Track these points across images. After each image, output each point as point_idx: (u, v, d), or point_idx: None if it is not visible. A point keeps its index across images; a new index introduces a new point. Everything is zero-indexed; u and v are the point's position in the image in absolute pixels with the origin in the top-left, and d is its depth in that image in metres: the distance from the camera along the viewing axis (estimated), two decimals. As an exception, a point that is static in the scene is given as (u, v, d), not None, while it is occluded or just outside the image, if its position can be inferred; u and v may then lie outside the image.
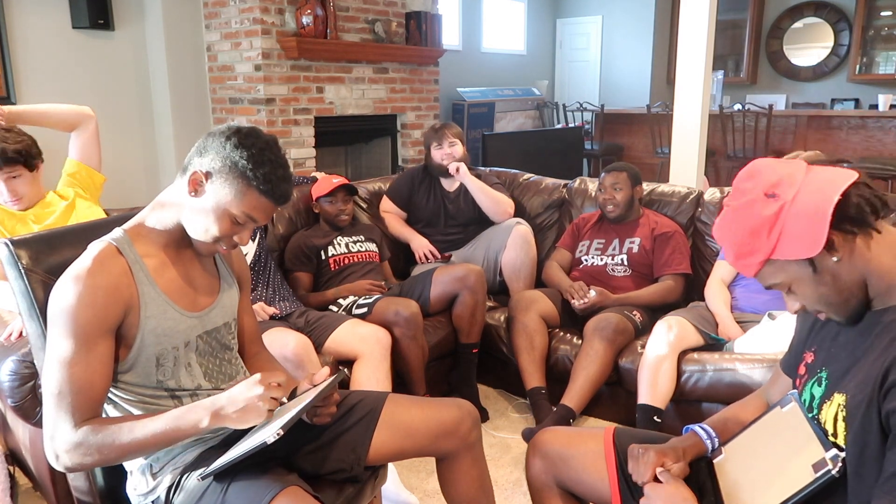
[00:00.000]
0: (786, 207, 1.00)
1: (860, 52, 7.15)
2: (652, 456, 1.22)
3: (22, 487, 2.08)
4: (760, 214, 1.02)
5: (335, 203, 2.72)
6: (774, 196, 1.01)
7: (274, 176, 1.21)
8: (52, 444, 1.16)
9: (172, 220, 1.27)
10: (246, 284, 1.50)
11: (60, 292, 1.16)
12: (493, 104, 6.97)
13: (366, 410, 1.46)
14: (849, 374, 1.05)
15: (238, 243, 1.28)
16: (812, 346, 1.20)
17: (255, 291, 2.39)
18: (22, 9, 3.98)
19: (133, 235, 1.27)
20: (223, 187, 1.22)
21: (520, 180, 3.33)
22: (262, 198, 1.22)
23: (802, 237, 0.99)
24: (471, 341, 2.65)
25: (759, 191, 1.03)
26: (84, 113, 2.28)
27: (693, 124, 3.52)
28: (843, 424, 1.03)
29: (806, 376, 1.18)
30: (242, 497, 1.16)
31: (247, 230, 1.27)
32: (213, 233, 1.24)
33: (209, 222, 1.24)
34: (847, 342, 1.10)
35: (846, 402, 1.03)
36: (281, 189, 1.23)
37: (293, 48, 4.48)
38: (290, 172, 1.27)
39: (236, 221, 1.24)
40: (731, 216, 1.07)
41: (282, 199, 1.25)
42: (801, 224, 0.99)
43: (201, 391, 1.33)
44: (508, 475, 2.25)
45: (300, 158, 4.74)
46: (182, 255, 1.33)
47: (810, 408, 1.13)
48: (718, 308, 2.43)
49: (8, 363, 1.63)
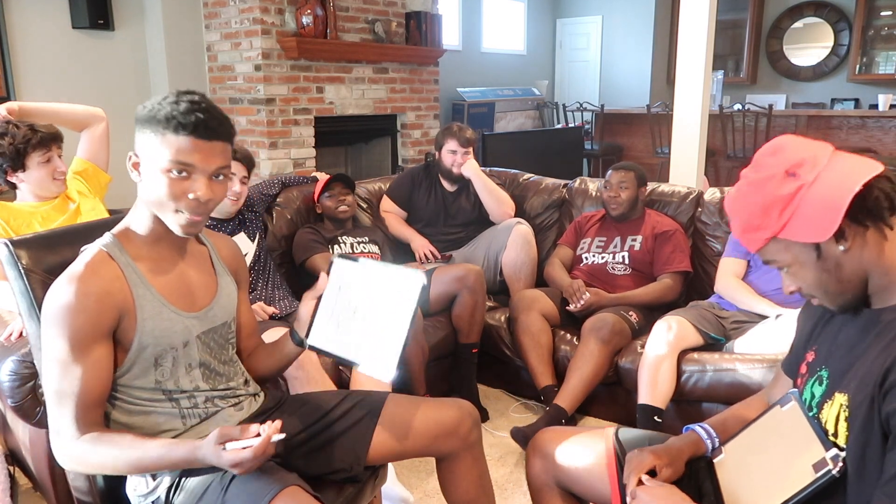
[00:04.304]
0: (804, 189, 0.99)
1: (860, 51, 7.15)
2: (645, 458, 1.21)
3: (22, 487, 2.08)
4: (777, 192, 1.00)
5: (334, 196, 2.72)
6: (795, 175, 1.00)
7: (178, 110, 1.15)
8: (57, 442, 1.18)
9: (147, 217, 1.26)
10: (243, 280, 1.49)
11: (53, 298, 1.16)
12: (493, 104, 6.97)
13: (366, 410, 1.46)
14: (849, 373, 1.05)
15: (200, 200, 1.18)
16: (813, 345, 1.19)
17: (255, 291, 2.39)
18: (22, 9, 3.98)
19: (122, 239, 1.26)
20: (146, 150, 1.18)
21: (520, 180, 3.33)
22: (178, 137, 1.15)
23: (814, 221, 0.98)
24: (470, 341, 2.65)
25: (781, 168, 1.01)
26: (96, 114, 2.33)
27: (693, 124, 3.52)
28: (845, 424, 1.03)
29: (807, 375, 1.17)
30: (242, 497, 1.16)
31: (198, 182, 1.18)
32: (164, 200, 1.19)
33: (156, 191, 1.18)
34: (847, 340, 1.09)
35: (848, 402, 1.02)
36: (192, 118, 1.15)
37: (293, 48, 4.48)
38: (208, 104, 1.18)
39: (173, 174, 1.17)
40: (746, 189, 1.05)
41: (198, 128, 1.15)
42: (816, 208, 0.98)
43: (199, 393, 1.32)
44: (508, 475, 2.25)
45: (300, 158, 4.74)
46: (175, 255, 1.32)
47: (810, 407, 1.12)
48: (747, 298, 2.37)
49: (8, 363, 1.63)
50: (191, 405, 1.31)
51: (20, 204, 2.13)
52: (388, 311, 1.28)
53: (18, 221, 2.08)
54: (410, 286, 1.27)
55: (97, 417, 1.20)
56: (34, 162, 2.08)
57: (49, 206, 2.15)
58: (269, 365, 1.48)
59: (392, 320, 1.28)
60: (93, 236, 1.28)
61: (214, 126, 1.17)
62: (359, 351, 1.30)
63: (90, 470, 1.20)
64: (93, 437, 1.17)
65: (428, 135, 5.62)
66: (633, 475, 1.20)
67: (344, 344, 1.32)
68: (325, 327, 1.34)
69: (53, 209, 2.15)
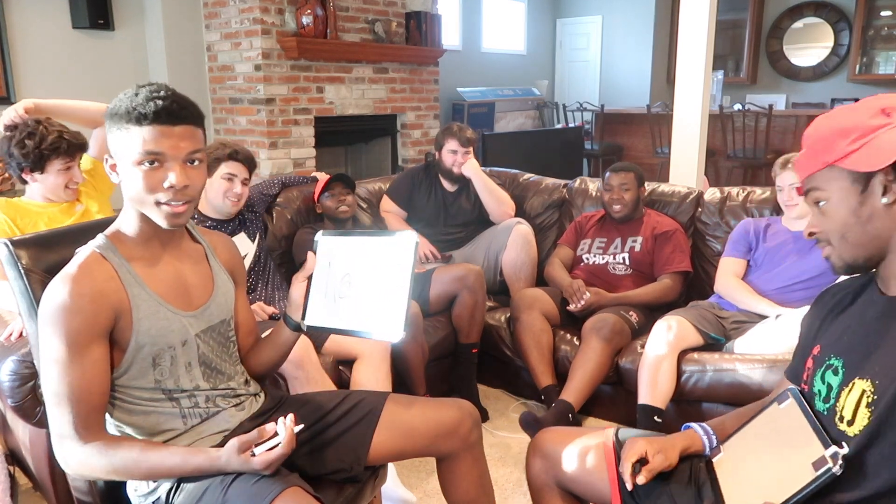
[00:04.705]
0: (887, 128, 1.01)
1: (860, 52, 7.16)
2: (638, 445, 1.24)
3: (22, 487, 2.08)
4: (863, 120, 1.03)
5: (334, 196, 2.72)
6: (888, 115, 1.02)
7: (137, 101, 1.14)
8: (61, 447, 1.18)
9: (135, 217, 1.26)
10: (240, 278, 1.49)
11: (48, 299, 1.16)
12: (493, 104, 6.97)
13: (366, 410, 1.45)
14: (870, 359, 1.05)
15: (176, 186, 1.17)
16: (819, 341, 1.19)
17: (255, 291, 2.39)
18: (22, 9, 3.98)
19: (114, 240, 1.26)
20: (117, 148, 1.18)
21: (520, 180, 3.33)
22: (142, 128, 1.14)
23: (877, 154, 1.00)
24: (470, 341, 2.65)
25: (878, 105, 1.04)
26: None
27: (693, 124, 3.52)
28: (867, 411, 1.03)
29: (814, 367, 1.17)
30: (243, 497, 1.16)
31: (171, 169, 1.17)
32: (142, 194, 1.19)
33: (133, 187, 1.19)
34: (862, 328, 1.10)
35: (873, 387, 1.03)
36: (151, 106, 1.13)
37: (293, 48, 4.48)
38: (168, 91, 1.17)
39: (145, 166, 1.16)
40: (837, 111, 1.08)
41: (160, 115, 1.14)
42: (885, 147, 1.00)
43: (199, 392, 1.32)
44: (508, 475, 2.25)
45: (300, 158, 4.74)
46: (170, 254, 1.32)
47: (827, 398, 1.11)
48: (747, 298, 2.37)
49: (8, 363, 1.63)
50: (191, 405, 1.31)
51: (27, 202, 2.12)
52: (386, 274, 1.29)
53: (25, 220, 2.08)
54: (404, 246, 1.28)
55: (100, 423, 1.20)
56: (54, 168, 2.07)
57: (56, 209, 2.14)
58: (269, 357, 1.47)
59: (392, 283, 1.28)
60: (92, 236, 1.28)
61: (176, 110, 1.16)
62: (362, 320, 1.30)
63: (95, 476, 1.20)
64: (100, 447, 1.17)
65: (428, 135, 5.62)
66: (626, 462, 1.23)
67: (344, 317, 1.32)
68: (321, 305, 1.35)
69: (61, 212, 2.15)
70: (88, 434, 1.17)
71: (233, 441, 1.17)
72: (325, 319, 1.34)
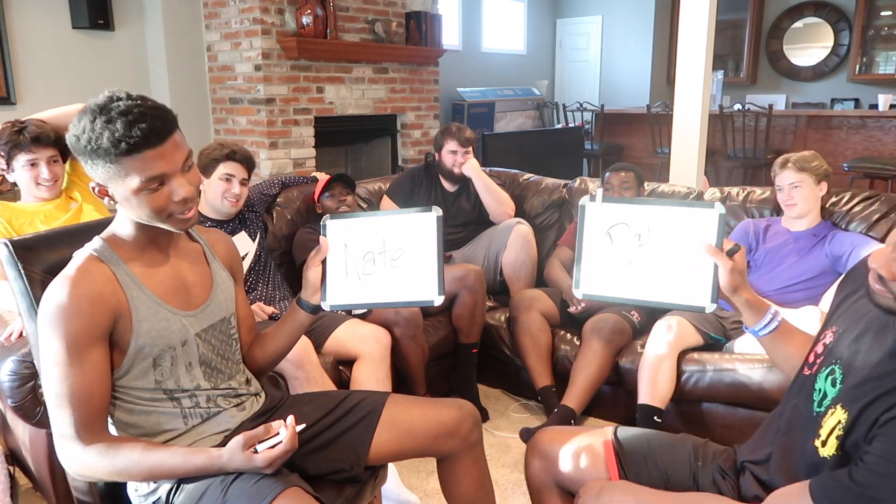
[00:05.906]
0: None
1: (860, 51, 7.15)
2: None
3: (22, 487, 2.08)
4: None
5: (334, 196, 2.72)
6: None
7: (119, 131, 1.08)
8: (64, 449, 1.18)
9: (130, 225, 1.25)
10: (238, 274, 1.49)
11: (47, 302, 1.16)
12: (493, 104, 6.97)
13: (366, 410, 1.45)
14: (860, 389, 1.02)
15: (185, 197, 1.17)
16: (833, 325, 1.16)
17: (255, 291, 2.39)
18: (22, 9, 3.98)
19: (111, 243, 1.26)
20: (109, 180, 1.15)
21: (520, 180, 3.33)
22: (134, 157, 1.10)
23: None
24: (470, 341, 2.65)
25: None
26: None
27: (693, 124, 3.52)
28: (836, 441, 1.02)
29: (821, 361, 1.13)
30: (243, 497, 1.16)
31: (174, 183, 1.16)
32: (152, 215, 1.18)
33: (140, 211, 1.18)
34: (870, 353, 1.05)
35: (846, 420, 1.01)
36: (136, 132, 1.08)
37: (293, 48, 4.48)
38: (139, 106, 1.10)
39: (151, 189, 1.14)
40: None
41: (148, 138, 1.10)
42: None
43: (200, 392, 1.32)
44: (508, 475, 2.25)
45: (300, 158, 4.74)
46: (168, 255, 1.32)
47: (820, 404, 1.09)
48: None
49: (8, 363, 1.63)
50: (192, 405, 1.31)
51: (22, 204, 2.13)
52: (412, 248, 1.35)
53: (21, 221, 2.08)
54: (426, 224, 1.35)
55: (101, 425, 1.20)
56: (19, 164, 2.06)
57: (52, 206, 2.14)
58: (278, 345, 1.47)
59: (420, 254, 1.35)
60: (92, 236, 1.28)
61: (159, 126, 1.12)
62: (395, 291, 1.36)
63: (97, 478, 1.20)
64: (102, 449, 1.17)
65: (428, 135, 5.62)
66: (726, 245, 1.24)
67: (373, 292, 1.37)
68: (342, 284, 1.39)
69: (56, 208, 2.14)
70: (90, 436, 1.17)
71: (238, 437, 1.17)
72: (350, 297, 1.39)
